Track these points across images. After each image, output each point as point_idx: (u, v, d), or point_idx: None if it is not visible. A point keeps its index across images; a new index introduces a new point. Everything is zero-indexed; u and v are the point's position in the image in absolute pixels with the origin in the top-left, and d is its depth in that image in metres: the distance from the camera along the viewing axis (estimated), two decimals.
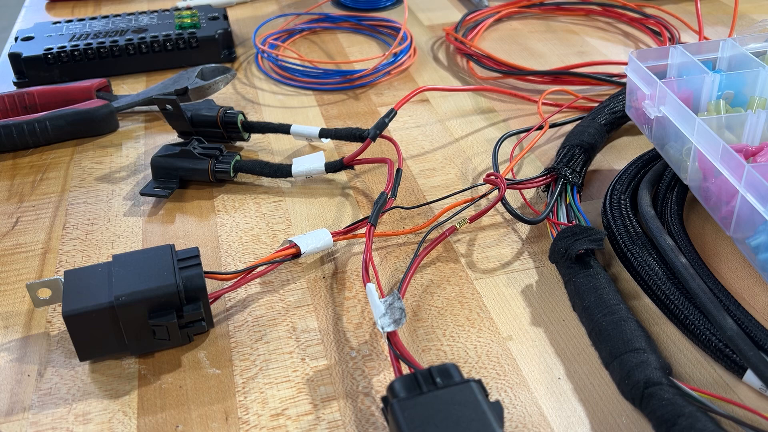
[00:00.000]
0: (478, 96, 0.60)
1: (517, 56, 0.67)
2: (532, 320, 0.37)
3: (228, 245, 0.44)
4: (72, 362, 0.36)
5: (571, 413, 0.32)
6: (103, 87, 0.59)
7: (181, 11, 0.72)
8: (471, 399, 0.28)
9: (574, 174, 0.45)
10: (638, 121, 0.47)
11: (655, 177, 0.44)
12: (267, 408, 0.33)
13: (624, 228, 0.40)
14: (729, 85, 0.44)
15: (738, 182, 0.35)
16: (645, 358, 0.32)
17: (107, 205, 0.48)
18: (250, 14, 0.80)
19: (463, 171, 0.50)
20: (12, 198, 0.50)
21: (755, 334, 0.33)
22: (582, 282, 0.37)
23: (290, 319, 0.38)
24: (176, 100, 0.49)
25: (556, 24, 0.74)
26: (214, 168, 0.48)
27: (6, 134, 0.53)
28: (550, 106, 0.57)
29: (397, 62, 0.64)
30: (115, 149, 0.55)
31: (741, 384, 0.33)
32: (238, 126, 0.52)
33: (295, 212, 0.47)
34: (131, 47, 0.65)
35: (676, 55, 0.46)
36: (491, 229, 0.44)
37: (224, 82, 0.59)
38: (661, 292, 0.37)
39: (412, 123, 0.57)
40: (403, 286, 0.37)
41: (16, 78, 0.64)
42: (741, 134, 0.41)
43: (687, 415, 0.29)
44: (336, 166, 0.48)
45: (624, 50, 0.67)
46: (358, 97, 0.61)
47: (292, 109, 0.60)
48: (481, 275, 0.41)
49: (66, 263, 0.43)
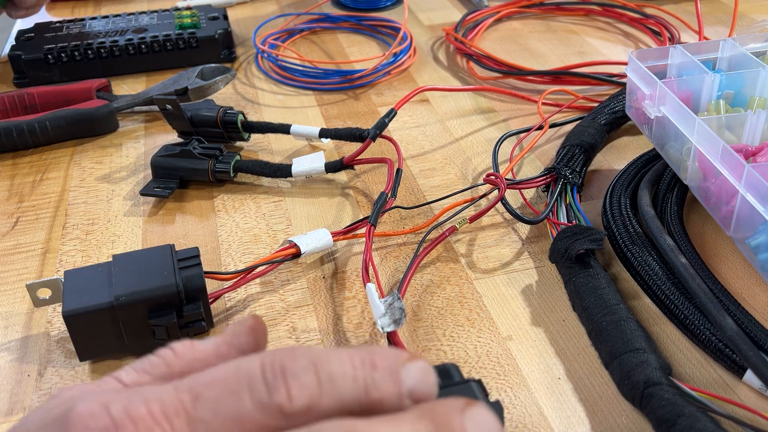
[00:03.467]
0: (478, 96, 0.60)
1: (517, 56, 0.67)
2: (532, 320, 0.37)
3: (228, 245, 0.44)
4: (72, 362, 0.36)
5: (571, 413, 0.32)
6: (103, 87, 0.59)
7: (181, 11, 0.72)
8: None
9: (574, 174, 0.45)
10: (638, 121, 0.47)
11: (655, 177, 0.44)
12: None
13: (624, 228, 0.40)
14: (729, 85, 0.44)
15: (738, 182, 0.35)
16: (645, 358, 0.32)
17: (107, 205, 0.48)
18: (250, 14, 0.80)
19: (463, 171, 0.50)
20: (12, 198, 0.50)
21: (755, 334, 0.33)
22: (582, 282, 0.37)
23: (290, 319, 0.38)
24: (176, 100, 0.49)
25: (556, 24, 0.74)
26: (214, 168, 0.48)
27: (6, 134, 0.53)
28: (550, 106, 0.57)
29: (397, 62, 0.64)
30: (115, 149, 0.55)
31: (741, 384, 0.33)
32: (238, 126, 0.52)
33: (295, 212, 0.47)
34: (131, 47, 0.65)
35: (676, 55, 0.46)
36: (491, 229, 0.44)
37: (224, 82, 0.59)
38: (661, 292, 0.37)
39: (412, 123, 0.57)
40: (403, 286, 0.37)
41: (16, 78, 0.64)
42: (741, 134, 0.41)
43: (687, 415, 0.29)
44: (336, 166, 0.48)
45: (624, 50, 0.67)
46: (358, 97, 0.61)
47: (292, 109, 0.60)
48: (481, 275, 0.41)
49: (66, 263, 0.43)
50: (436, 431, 0.18)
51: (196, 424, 0.18)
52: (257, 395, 0.18)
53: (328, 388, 0.19)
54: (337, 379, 0.19)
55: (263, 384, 0.18)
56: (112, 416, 0.18)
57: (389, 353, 0.20)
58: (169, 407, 0.18)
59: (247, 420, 0.18)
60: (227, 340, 0.22)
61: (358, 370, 0.19)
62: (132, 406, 0.18)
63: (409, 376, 0.20)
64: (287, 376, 0.18)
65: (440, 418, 0.19)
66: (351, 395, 0.19)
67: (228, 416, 0.18)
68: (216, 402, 0.18)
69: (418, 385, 0.20)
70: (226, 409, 0.18)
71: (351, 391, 0.19)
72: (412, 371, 0.20)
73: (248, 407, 0.18)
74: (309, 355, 0.19)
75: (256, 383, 0.18)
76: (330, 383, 0.19)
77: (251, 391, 0.18)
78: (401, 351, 0.20)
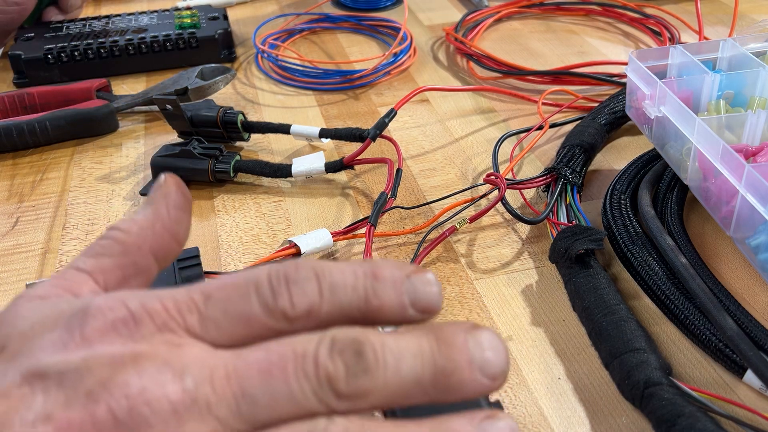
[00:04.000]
0: (478, 96, 0.60)
1: (517, 56, 0.67)
2: (532, 320, 0.37)
3: (228, 245, 0.44)
4: None
5: (571, 413, 0.32)
6: (103, 87, 0.59)
7: (181, 11, 0.72)
8: (471, 399, 0.28)
9: (574, 174, 0.45)
10: (638, 121, 0.47)
11: (655, 177, 0.44)
12: None
13: (624, 228, 0.40)
14: (729, 85, 0.44)
15: (738, 182, 0.35)
16: (645, 358, 0.32)
17: (107, 205, 0.48)
18: (250, 14, 0.80)
19: (463, 171, 0.50)
20: (12, 198, 0.50)
21: (755, 334, 0.33)
22: (582, 282, 0.37)
23: None
24: (176, 100, 0.49)
25: (556, 24, 0.74)
26: (214, 168, 0.48)
27: (6, 134, 0.53)
28: (550, 106, 0.57)
29: (397, 62, 0.64)
30: (115, 149, 0.55)
31: (741, 384, 0.33)
32: (238, 126, 0.52)
33: (295, 212, 0.47)
34: (131, 47, 0.65)
35: (676, 55, 0.46)
36: (491, 229, 0.44)
37: (224, 82, 0.59)
38: (661, 292, 0.37)
39: (412, 123, 0.57)
40: None
41: (16, 78, 0.64)
42: (741, 134, 0.41)
43: (687, 415, 0.29)
44: (336, 166, 0.48)
45: (624, 50, 0.67)
46: (358, 97, 0.61)
47: (292, 109, 0.60)
48: (481, 275, 0.41)
49: (66, 263, 0.43)
50: (437, 344, 0.20)
51: (207, 321, 0.20)
52: (263, 298, 0.20)
53: (329, 296, 0.20)
54: (338, 287, 0.20)
55: (269, 289, 0.20)
56: (131, 309, 0.19)
57: (394, 265, 0.21)
58: (182, 304, 0.20)
59: (254, 321, 0.20)
60: (162, 202, 0.24)
61: (359, 280, 0.20)
62: (148, 302, 0.20)
63: (413, 286, 0.21)
64: (290, 283, 0.20)
65: (444, 334, 0.20)
66: (351, 303, 0.20)
67: (236, 315, 0.20)
68: (226, 302, 0.20)
69: (422, 295, 0.21)
70: (235, 308, 0.20)
71: (351, 299, 0.20)
72: (415, 281, 0.21)
73: (255, 309, 0.20)
74: (313, 266, 0.20)
75: (262, 288, 0.20)
76: (330, 291, 0.20)
77: (258, 295, 0.20)
78: (407, 264, 0.21)
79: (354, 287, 0.20)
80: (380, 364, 0.19)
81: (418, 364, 0.19)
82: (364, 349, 0.19)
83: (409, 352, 0.19)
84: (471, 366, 0.20)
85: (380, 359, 0.19)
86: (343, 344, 0.19)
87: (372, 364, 0.19)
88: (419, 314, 0.21)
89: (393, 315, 0.20)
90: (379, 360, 0.19)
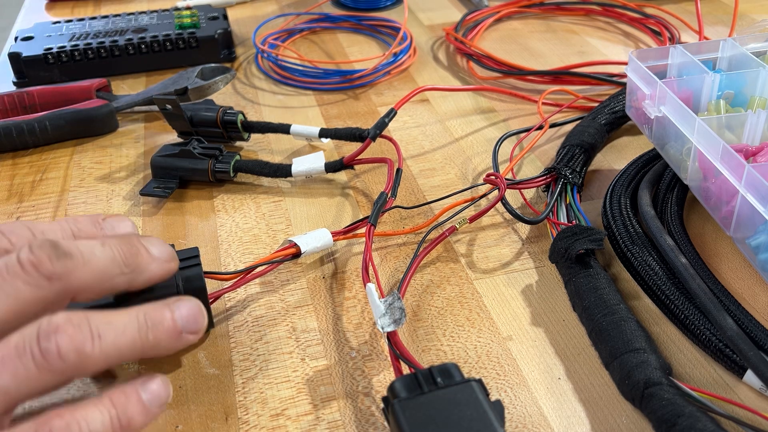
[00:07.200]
0: (478, 96, 0.60)
1: (517, 56, 0.67)
2: (532, 320, 0.37)
3: (228, 245, 0.44)
4: None
5: (571, 413, 0.32)
6: (103, 87, 0.59)
7: (180, 11, 0.72)
8: (472, 398, 0.28)
9: (574, 174, 0.45)
10: (638, 121, 0.47)
11: (655, 177, 0.44)
12: (267, 408, 0.33)
13: (624, 228, 0.40)
14: (729, 85, 0.44)
15: (738, 182, 0.35)
16: (645, 358, 0.32)
17: (107, 205, 0.48)
18: (250, 14, 0.80)
19: (463, 171, 0.50)
20: (12, 198, 0.50)
21: (755, 334, 0.33)
22: (582, 282, 0.37)
23: (290, 319, 0.38)
24: (176, 100, 0.49)
25: (556, 24, 0.74)
26: (214, 168, 0.48)
27: (6, 134, 0.53)
28: (550, 106, 0.57)
29: (397, 62, 0.64)
30: (115, 149, 0.55)
31: (741, 384, 0.33)
32: (238, 126, 0.52)
33: (295, 212, 0.47)
34: (131, 47, 0.65)
35: (676, 55, 0.46)
36: (491, 229, 0.44)
37: (224, 82, 0.59)
38: (661, 292, 0.37)
39: (412, 123, 0.57)
40: (403, 286, 0.37)
41: (16, 78, 0.64)
42: (741, 134, 0.41)
43: (687, 415, 0.29)
44: (336, 166, 0.48)
45: (624, 50, 0.67)
46: (358, 97, 0.61)
47: (292, 109, 0.60)
48: (481, 275, 0.41)
49: None
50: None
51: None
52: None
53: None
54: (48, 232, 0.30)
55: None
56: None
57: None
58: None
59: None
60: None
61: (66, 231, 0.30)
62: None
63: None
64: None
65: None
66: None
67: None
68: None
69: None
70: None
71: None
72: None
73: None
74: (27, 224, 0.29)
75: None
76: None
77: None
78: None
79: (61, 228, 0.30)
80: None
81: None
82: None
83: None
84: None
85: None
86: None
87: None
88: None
89: (87, 231, 0.31)
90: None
